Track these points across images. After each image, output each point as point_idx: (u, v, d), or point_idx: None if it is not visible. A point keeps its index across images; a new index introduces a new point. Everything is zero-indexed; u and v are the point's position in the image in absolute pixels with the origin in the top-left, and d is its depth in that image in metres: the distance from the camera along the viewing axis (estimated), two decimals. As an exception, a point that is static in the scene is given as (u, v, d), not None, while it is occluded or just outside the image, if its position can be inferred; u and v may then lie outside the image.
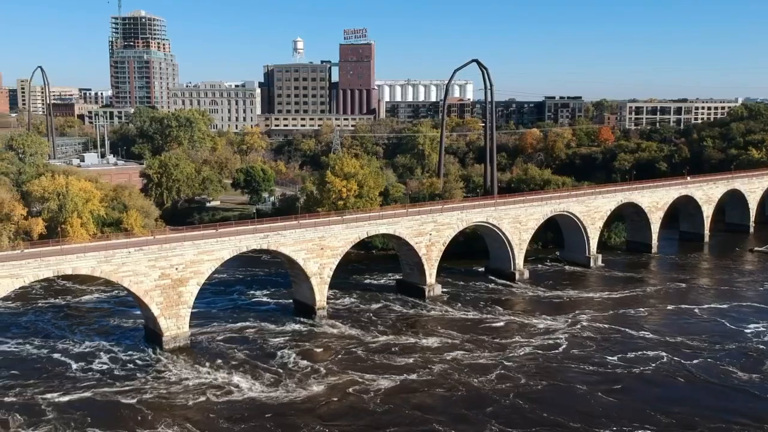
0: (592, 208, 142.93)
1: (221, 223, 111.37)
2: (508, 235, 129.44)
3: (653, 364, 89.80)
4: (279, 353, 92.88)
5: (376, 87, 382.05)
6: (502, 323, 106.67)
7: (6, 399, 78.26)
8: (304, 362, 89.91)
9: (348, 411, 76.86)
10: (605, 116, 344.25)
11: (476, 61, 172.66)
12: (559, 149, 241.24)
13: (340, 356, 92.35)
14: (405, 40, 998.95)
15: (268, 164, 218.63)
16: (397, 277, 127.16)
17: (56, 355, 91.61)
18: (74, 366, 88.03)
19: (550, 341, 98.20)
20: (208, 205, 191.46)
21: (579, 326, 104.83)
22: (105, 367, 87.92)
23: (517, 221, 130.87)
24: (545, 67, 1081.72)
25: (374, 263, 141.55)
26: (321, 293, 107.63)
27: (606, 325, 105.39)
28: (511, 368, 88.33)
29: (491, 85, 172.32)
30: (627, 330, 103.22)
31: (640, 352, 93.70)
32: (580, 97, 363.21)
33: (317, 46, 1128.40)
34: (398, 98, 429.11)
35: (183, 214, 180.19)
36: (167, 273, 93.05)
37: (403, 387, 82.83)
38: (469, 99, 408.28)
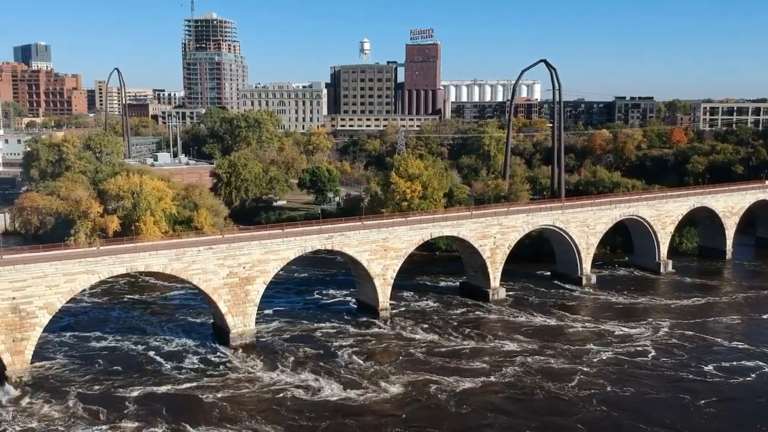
0: (663, 213, 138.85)
1: (287, 223, 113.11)
2: (575, 239, 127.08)
3: (753, 375, 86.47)
4: (343, 353, 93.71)
5: (441, 87, 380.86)
6: (571, 328, 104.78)
7: (89, 392, 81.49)
8: (369, 362, 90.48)
9: (429, 414, 76.65)
10: (678, 117, 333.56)
11: (544, 61, 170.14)
12: (629, 151, 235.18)
13: (405, 357, 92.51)
14: (471, 39, 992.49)
15: (334, 164, 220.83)
16: (461, 279, 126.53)
17: (127, 349, 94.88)
18: (146, 360, 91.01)
19: (634, 348, 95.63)
20: (274, 204, 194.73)
21: (662, 333, 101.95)
22: (176, 362, 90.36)
23: (585, 225, 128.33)
24: (616, 66, 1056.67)
25: (438, 265, 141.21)
26: (384, 294, 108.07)
27: (692, 333, 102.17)
28: (592, 374, 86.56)
29: (559, 86, 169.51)
30: (717, 339, 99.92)
31: (736, 362, 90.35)
32: (652, 98, 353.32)
33: (384, 47, 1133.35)
34: (464, 98, 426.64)
35: (250, 213, 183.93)
36: (235, 271, 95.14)
37: (479, 390, 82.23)
38: (536, 99, 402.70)
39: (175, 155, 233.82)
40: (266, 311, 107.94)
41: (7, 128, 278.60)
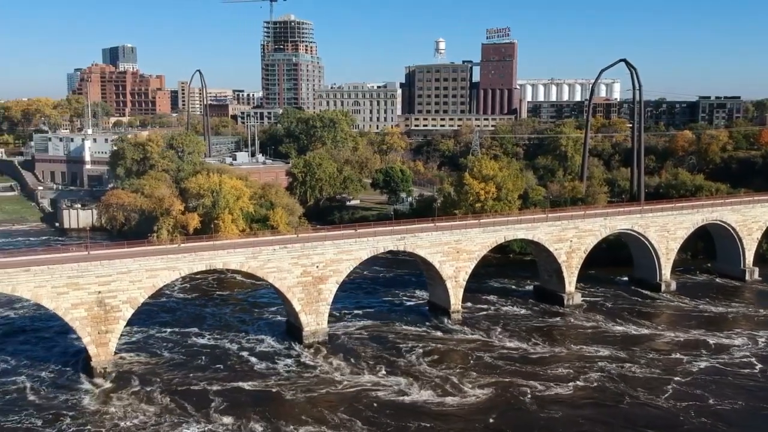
0: (750, 218, 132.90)
1: (360, 223, 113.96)
2: (654, 244, 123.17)
3: None
4: (416, 354, 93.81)
5: (518, 86, 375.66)
6: (653, 336, 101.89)
7: (168, 384, 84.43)
8: (443, 365, 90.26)
9: (517, 419, 76.21)
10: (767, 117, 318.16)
11: (624, 60, 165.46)
12: (714, 153, 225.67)
13: (479, 361, 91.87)
14: (549, 38, 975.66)
15: (407, 164, 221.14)
16: (535, 283, 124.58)
17: (204, 344, 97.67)
18: (222, 355, 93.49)
19: (735, 360, 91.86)
20: (348, 203, 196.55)
21: (762, 344, 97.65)
22: (251, 358, 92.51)
23: (665, 230, 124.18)
24: (700, 65, 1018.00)
25: (511, 267, 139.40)
26: (456, 296, 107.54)
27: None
28: (687, 384, 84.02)
29: (640, 86, 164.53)
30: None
31: None
32: (739, 97, 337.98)
33: (459, 47, 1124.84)
34: (541, 98, 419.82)
35: (324, 212, 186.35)
36: (308, 270, 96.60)
37: (565, 396, 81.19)
38: (615, 99, 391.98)
39: (253, 155, 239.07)
40: (339, 310, 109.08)
41: (95, 127, 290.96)
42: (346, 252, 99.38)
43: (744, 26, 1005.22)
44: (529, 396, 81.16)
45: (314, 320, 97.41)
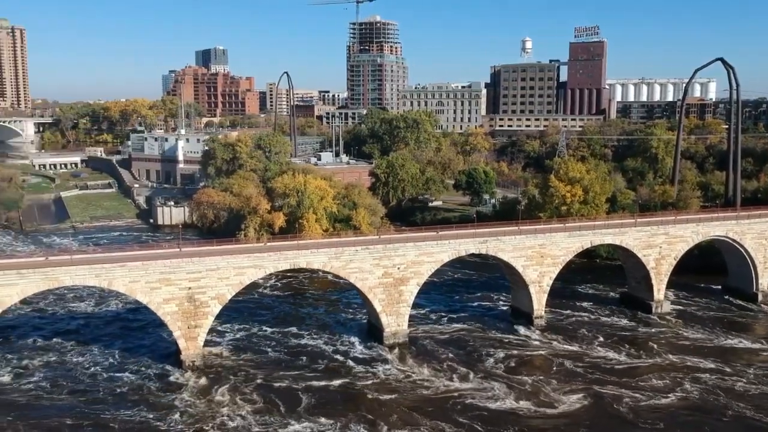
0: None
1: (441, 225, 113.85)
2: (751, 252, 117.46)
3: None
4: (498, 359, 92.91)
5: (606, 86, 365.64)
6: (752, 349, 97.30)
7: (252, 379, 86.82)
8: (526, 371, 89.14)
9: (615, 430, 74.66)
10: None
11: (721, 59, 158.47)
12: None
13: (563, 368, 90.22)
14: (640, 37, 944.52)
15: (491, 165, 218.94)
16: (622, 289, 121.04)
17: (288, 341, 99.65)
18: (304, 352, 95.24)
19: None
20: (430, 204, 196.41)
21: None
22: (334, 356, 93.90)
23: (763, 237, 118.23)
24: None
25: (597, 273, 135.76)
26: (539, 302, 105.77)
27: None
28: None
29: (737, 85, 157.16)
30: None
31: None
32: None
33: (546, 46, 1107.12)
34: (631, 98, 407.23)
35: (406, 213, 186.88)
36: (390, 272, 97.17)
37: (663, 407, 79.18)
38: (710, 99, 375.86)
39: (337, 155, 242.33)
40: (419, 312, 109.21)
41: (188, 128, 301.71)
42: (427, 254, 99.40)
43: None
44: (625, 406, 79.04)
45: (395, 321, 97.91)
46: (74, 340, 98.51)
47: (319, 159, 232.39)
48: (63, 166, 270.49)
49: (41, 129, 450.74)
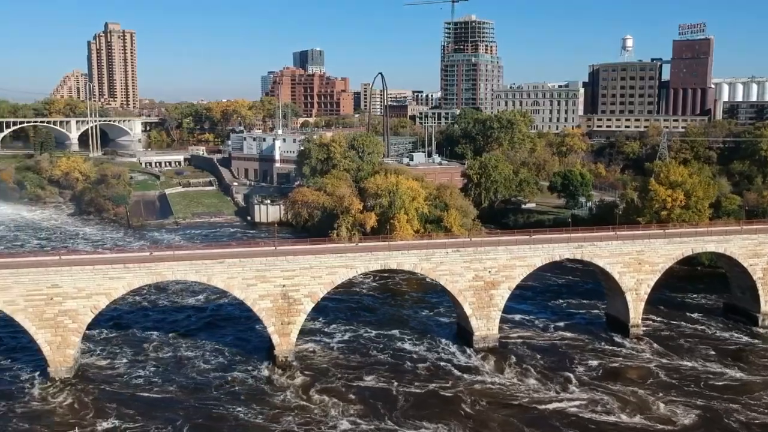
0: None
1: (534, 229, 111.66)
2: None
3: None
4: (590, 368, 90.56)
5: (712, 86, 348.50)
6: None
7: (343, 378, 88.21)
8: (621, 382, 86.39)
9: None
10: None
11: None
12: None
13: (660, 380, 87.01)
14: (750, 34, 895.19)
15: (587, 167, 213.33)
16: (725, 299, 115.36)
17: (378, 342, 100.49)
18: (395, 354, 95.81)
19: None
20: (523, 207, 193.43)
21: None
22: (424, 359, 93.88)
23: None
24: None
25: (698, 281, 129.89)
26: (636, 310, 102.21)
27: None
28: None
29: None
30: None
31: None
32: None
33: (647, 44, 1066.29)
34: (739, 98, 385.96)
35: (499, 215, 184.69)
36: (480, 275, 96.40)
37: None
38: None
39: (429, 155, 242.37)
40: (510, 316, 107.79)
41: (285, 128, 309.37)
42: (519, 258, 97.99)
43: None
44: (737, 423, 75.37)
45: (485, 325, 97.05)
46: (174, 332, 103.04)
47: (412, 159, 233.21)
48: (167, 164, 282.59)
49: (148, 128, 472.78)
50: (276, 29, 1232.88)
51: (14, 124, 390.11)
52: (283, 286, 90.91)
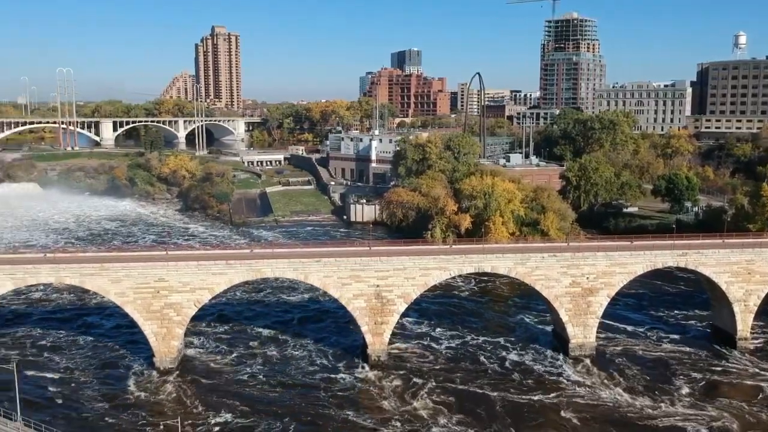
0: None
1: (636, 235, 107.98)
2: None
3: None
4: (693, 383, 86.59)
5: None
6: None
7: (435, 382, 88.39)
8: (730, 399, 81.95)
9: None
10: None
11: None
12: None
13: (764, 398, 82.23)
14: None
15: (694, 170, 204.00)
16: None
17: (470, 346, 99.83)
18: (489, 359, 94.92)
19: None
20: (624, 210, 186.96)
21: None
22: (516, 365, 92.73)
23: None
24: None
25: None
26: (744, 322, 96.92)
27: None
28: None
29: None
30: None
31: None
32: None
33: (762, 41, 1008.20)
34: None
35: (598, 219, 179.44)
36: (578, 281, 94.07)
37: None
38: None
39: (527, 156, 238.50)
40: (608, 324, 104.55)
41: (381, 128, 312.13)
42: (619, 264, 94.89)
43: None
44: None
45: (581, 333, 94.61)
46: (270, 329, 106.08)
47: (508, 160, 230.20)
48: (268, 163, 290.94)
49: (251, 128, 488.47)
50: (375, 30, 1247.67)
51: (127, 123, 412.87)
52: (376, 286, 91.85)
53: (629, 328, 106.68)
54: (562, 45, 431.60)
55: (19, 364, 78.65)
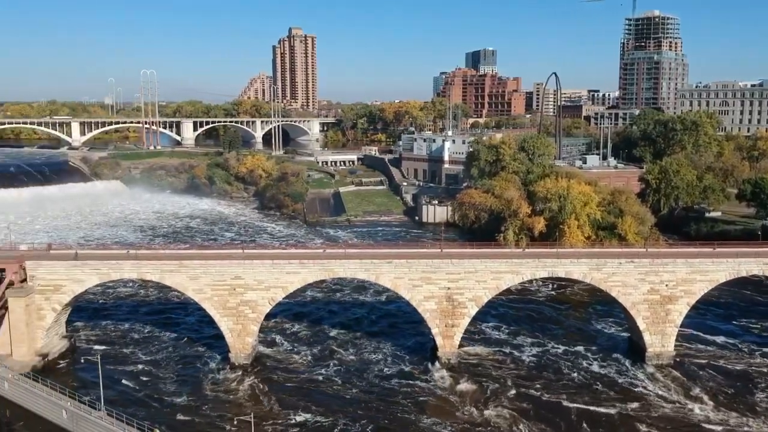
0: None
1: (718, 241, 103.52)
2: None
3: None
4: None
5: None
6: None
7: (505, 387, 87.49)
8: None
9: None
10: None
11: None
12: None
13: None
14: None
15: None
16: None
17: (542, 351, 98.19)
18: (561, 366, 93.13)
19: None
20: (707, 215, 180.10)
21: None
22: (592, 372, 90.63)
23: None
24: None
25: None
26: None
27: None
28: None
29: None
30: None
31: None
32: None
33: None
34: None
35: (679, 223, 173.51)
36: (656, 288, 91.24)
37: None
38: None
39: (604, 158, 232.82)
40: (688, 333, 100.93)
41: (454, 128, 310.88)
42: (700, 272, 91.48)
43: None
44: None
45: (659, 342, 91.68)
46: (342, 329, 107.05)
47: (585, 162, 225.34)
48: (342, 163, 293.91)
49: (325, 128, 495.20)
50: (450, 30, 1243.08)
51: (207, 123, 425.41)
52: (447, 289, 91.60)
53: (712, 338, 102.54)
54: (643, 43, 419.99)
55: (103, 357, 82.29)
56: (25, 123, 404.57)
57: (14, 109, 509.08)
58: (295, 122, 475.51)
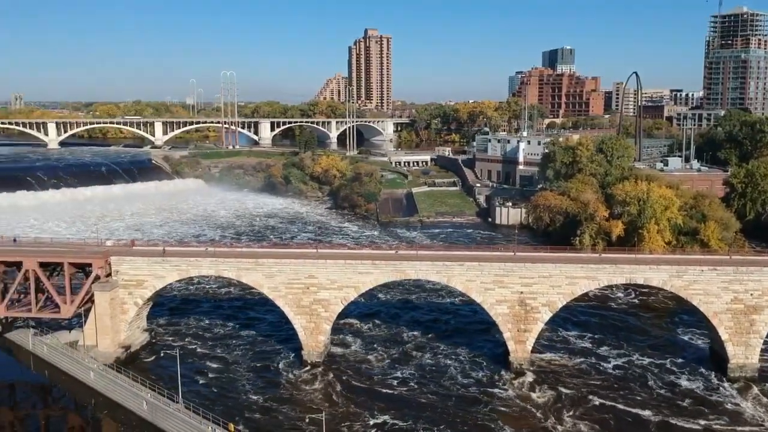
0: None
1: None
2: None
3: None
4: None
5: None
6: None
7: (579, 395, 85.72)
8: None
9: None
10: None
11: None
12: None
13: None
14: None
15: None
16: None
17: (617, 361, 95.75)
18: (638, 378, 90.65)
19: None
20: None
21: None
22: (670, 384, 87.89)
23: None
24: None
25: None
26: None
27: None
28: None
29: None
30: None
31: None
32: None
33: None
34: None
35: (766, 230, 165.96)
36: (740, 297, 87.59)
37: None
38: None
39: (687, 160, 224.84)
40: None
41: (530, 129, 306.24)
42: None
43: None
44: None
45: (742, 353, 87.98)
46: (416, 331, 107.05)
47: (666, 164, 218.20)
48: (415, 163, 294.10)
49: (399, 128, 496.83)
50: (526, 29, 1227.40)
51: (283, 123, 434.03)
52: (520, 293, 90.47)
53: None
54: (730, 41, 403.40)
55: (181, 351, 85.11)
56: (112, 123, 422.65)
57: (102, 109, 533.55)
58: (369, 123, 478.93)
